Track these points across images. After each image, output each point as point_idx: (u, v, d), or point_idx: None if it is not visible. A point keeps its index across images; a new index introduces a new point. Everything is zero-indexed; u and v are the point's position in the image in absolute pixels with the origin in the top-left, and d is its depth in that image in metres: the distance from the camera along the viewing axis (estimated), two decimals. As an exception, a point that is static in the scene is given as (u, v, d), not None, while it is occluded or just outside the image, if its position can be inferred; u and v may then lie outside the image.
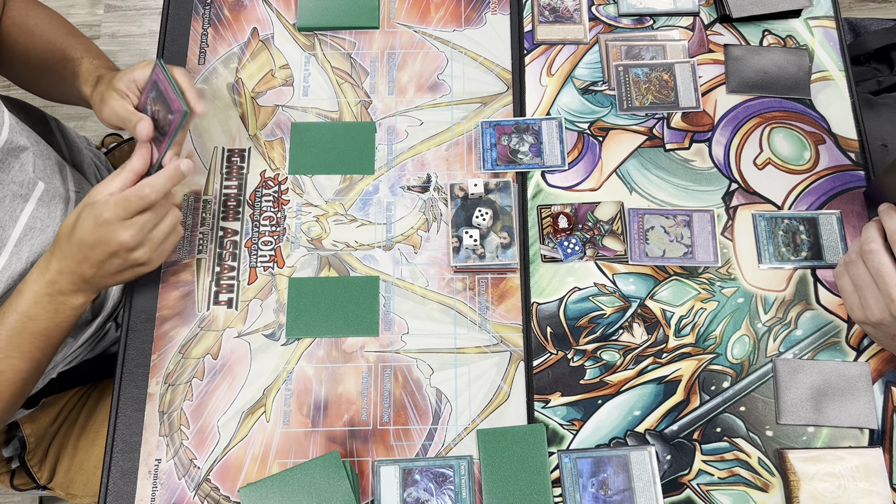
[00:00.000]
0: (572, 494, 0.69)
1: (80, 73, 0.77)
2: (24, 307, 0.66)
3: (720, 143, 0.83)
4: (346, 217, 0.80)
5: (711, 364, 0.74)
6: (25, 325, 0.66)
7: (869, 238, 0.65)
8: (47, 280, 0.66)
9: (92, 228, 0.64)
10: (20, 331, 0.66)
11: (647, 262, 0.78)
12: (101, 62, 0.79)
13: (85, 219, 0.64)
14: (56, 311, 0.67)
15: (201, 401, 0.72)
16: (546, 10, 0.90)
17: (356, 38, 0.88)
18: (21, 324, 0.66)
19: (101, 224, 0.64)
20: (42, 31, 0.80)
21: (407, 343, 0.75)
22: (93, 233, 0.64)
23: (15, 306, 0.66)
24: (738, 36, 0.88)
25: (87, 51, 0.80)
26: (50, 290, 0.66)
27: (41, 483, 0.91)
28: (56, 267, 0.66)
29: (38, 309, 0.66)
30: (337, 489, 0.67)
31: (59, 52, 0.80)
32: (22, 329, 0.66)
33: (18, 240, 0.72)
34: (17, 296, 0.67)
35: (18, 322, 0.66)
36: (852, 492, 0.69)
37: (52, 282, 0.66)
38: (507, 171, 0.82)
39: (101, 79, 0.75)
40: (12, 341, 0.66)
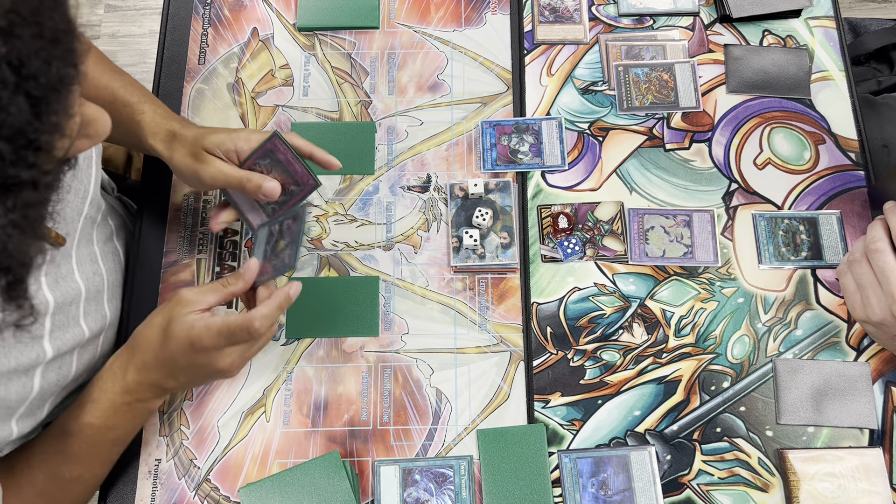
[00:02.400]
0: (572, 494, 0.69)
1: (144, 122, 0.71)
2: (102, 418, 0.62)
3: (720, 143, 0.83)
4: (346, 217, 0.80)
5: (711, 364, 0.74)
6: (105, 435, 0.62)
7: (875, 237, 0.65)
8: (124, 389, 0.62)
9: (187, 352, 0.60)
10: (99, 441, 0.62)
11: (647, 262, 0.78)
12: (164, 111, 0.73)
13: (178, 339, 0.59)
14: (134, 417, 0.64)
15: (201, 401, 0.72)
16: (546, 10, 0.90)
17: (356, 38, 0.88)
18: (101, 434, 0.62)
19: (199, 350, 0.60)
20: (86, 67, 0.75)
21: (407, 343, 0.75)
22: (187, 356, 0.60)
23: (90, 417, 0.61)
24: (738, 36, 0.88)
25: (143, 95, 0.73)
26: (128, 399, 0.62)
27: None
28: (135, 378, 0.62)
29: (117, 418, 0.62)
30: (337, 489, 0.67)
31: (109, 91, 0.72)
32: (101, 439, 0.62)
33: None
34: (92, 405, 0.62)
35: (97, 434, 0.62)
36: (852, 492, 0.69)
37: (131, 391, 0.62)
38: (507, 171, 0.82)
39: (178, 136, 0.70)
40: (93, 452, 0.63)
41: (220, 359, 0.61)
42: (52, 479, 0.62)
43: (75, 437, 0.61)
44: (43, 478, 0.61)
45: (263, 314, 0.60)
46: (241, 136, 0.68)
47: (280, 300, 0.62)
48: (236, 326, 0.59)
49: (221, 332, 0.59)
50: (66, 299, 0.61)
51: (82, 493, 0.65)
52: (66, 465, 0.62)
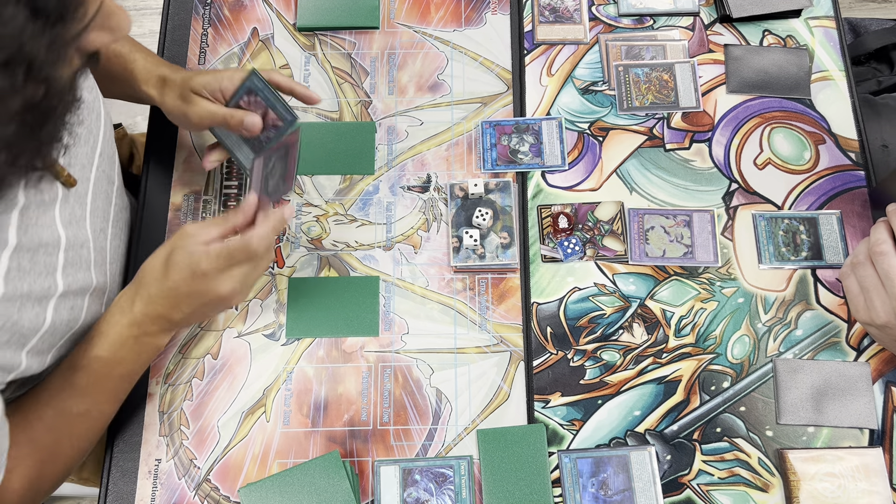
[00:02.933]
0: (572, 494, 0.69)
1: (136, 71, 0.74)
2: (110, 351, 0.63)
3: (720, 143, 0.83)
4: (346, 217, 0.80)
5: (711, 364, 0.74)
6: (112, 369, 0.64)
7: (879, 240, 0.65)
8: (131, 321, 0.63)
9: (188, 279, 0.61)
10: (107, 375, 0.63)
11: (647, 262, 0.78)
12: (154, 58, 0.76)
13: (180, 267, 0.61)
14: (140, 352, 0.65)
15: (201, 401, 0.72)
16: (546, 10, 0.90)
17: (356, 38, 0.88)
18: (108, 368, 0.63)
19: (199, 276, 0.61)
20: None
21: (407, 343, 0.75)
22: (188, 283, 0.61)
23: (98, 351, 0.63)
24: (738, 36, 0.88)
25: (134, 45, 0.76)
26: (135, 332, 0.63)
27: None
28: (141, 309, 0.63)
29: (125, 352, 0.64)
30: (337, 489, 0.67)
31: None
32: (108, 373, 0.63)
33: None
34: (100, 338, 0.63)
35: (105, 366, 0.63)
36: (852, 492, 0.69)
37: (138, 324, 0.63)
38: (507, 171, 0.82)
39: (169, 81, 0.73)
40: (100, 386, 0.63)
41: (220, 284, 0.62)
42: (60, 414, 0.62)
43: (83, 371, 0.63)
44: (51, 413, 0.62)
45: (260, 234, 0.62)
46: (225, 76, 0.71)
47: (275, 220, 0.63)
48: (235, 247, 0.61)
49: (221, 254, 0.61)
50: (77, 241, 0.62)
51: (90, 429, 0.65)
52: (74, 398, 0.63)
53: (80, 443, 0.65)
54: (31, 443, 0.61)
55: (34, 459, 0.61)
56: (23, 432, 0.60)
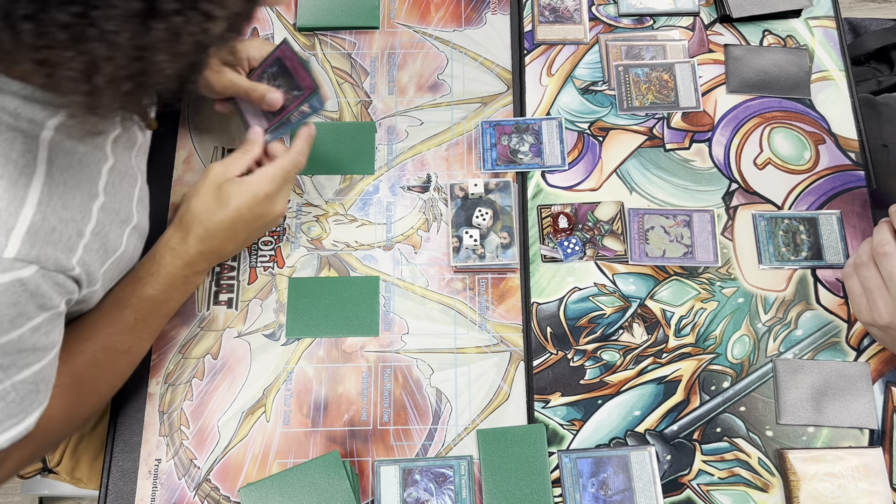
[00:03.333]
0: (572, 494, 0.69)
1: None
2: (161, 291, 0.65)
3: (720, 143, 0.83)
4: (346, 217, 0.80)
5: (711, 364, 0.74)
6: (159, 308, 0.66)
7: (882, 241, 0.65)
8: (186, 262, 0.66)
9: (252, 204, 0.66)
10: (153, 313, 0.66)
11: (647, 262, 0.78)
12: None
13: (239, 195, 0.65)
14: (187, 291, 0.68)
15: (201, 401, 0.72)
16: (546, 10, 0.90)
17: (356, 38, 0.88)
18: (156, 307, 0.66)
19: (263, 199, 0.66)
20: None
21: (407, 343, 0.75)
22: (252, 208, 0.66)
23: (149, 290, 0.65)
24: (738, 36, 0.88)
25: None
26: (187, 272, 0.66)
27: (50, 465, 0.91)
28: (197, 248, 0.66)
29: (173, 291, 0.66)
30: (337, 489, 0.67)
31: None
32: (155, 311, 0.66)
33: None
34: (151, 278, 0.65)
35: (154, 305, 0.65)
36: (852, 492, 0.69)
37: (191, 263, 0.66)
38: (507, 171, 0.82)
39: None
40: (145, 324, 0.66)
41: (280, 201, 0.69)
42: (103, 350, 0.64)
43: (131, 309, 0.64)
44: (94, 347, 0.63)
45: (300, 150, 0.70)
46: (253, 45, 0.73)
47: (305, 136, 0.71)
48: (289, 164, 0.68)
49: (277, 174, 0.67)
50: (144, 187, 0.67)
51: (129, 364, 0.67)
52: (119, 335, 0.64)
53: (116, 379, 0.66)
54: (72, 375, 0.62)
55: (73, 391, 0.62)
56: (65, 364, 0.61)
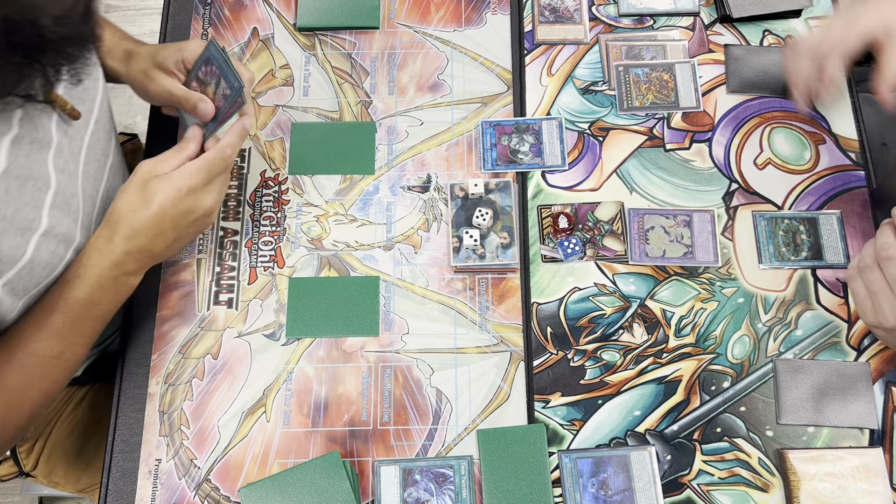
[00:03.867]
0: (572, 494, 0.69)
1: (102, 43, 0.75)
2: (88, 293, 0.63)
3: (720, 143, 0.83)
4: (346, 217, 0.80)
5: (711, 364, 0.74)
6: (89, 311, 0.64)
7: (886, 244, 0.65)
8: (113, 262, 0.64)
9: (174, 200, 0.64)
10: (83, 316, 0.64)
11: (647, 262, 0.78)
12: (121, 33, 0.77)
13: (162, 191, 0.63)
14: (118, 292, 0.66)
15: (201, 401, 0.72)
16: (546, 10, 0.90)
17: (356, 38, 0.88)
18: (85, 309, 0.64)
19: (186, 193, 0.64)
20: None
21: (407, 343, 0.75)
22: (176, 204, 0.64)
23: (76, 292, 0.63)
24: (738, 36, 0.88)
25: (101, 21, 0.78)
26: (115, 272, 0.64)
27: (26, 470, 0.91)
28: (123, 247, 0.64)
29: (103, 293, 0.64)
30: (337, 489, 0.67)
31: None
32: (85, 314, 0.64)
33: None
34: (77, 280, 0.63)
35: (83, 308, 0.63)
36: (852, 492, 0.69)
37: (119, 263, 0.64)
38: (507, 171, 0.82)
39: (133, 54, 0.74)
40: (76, 328, 0.64)
41: (205, 196, 0.66)
42: (31, 356, 0.62)
43: (58, 313, 0.62)
44: (22, 355, 0.62)
45: (230, 143, 0.67)
46: (187, 48, 0.72)
47: (239, 130, 0.68)
48: (214, 157, 0.66)
49: (201, 168, 0.65)
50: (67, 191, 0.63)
51: (61, 371, 0.65)
52: (48, 341, 0.62)
53: (49, 386, 0.64)
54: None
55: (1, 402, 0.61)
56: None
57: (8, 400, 0.61)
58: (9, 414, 0.62)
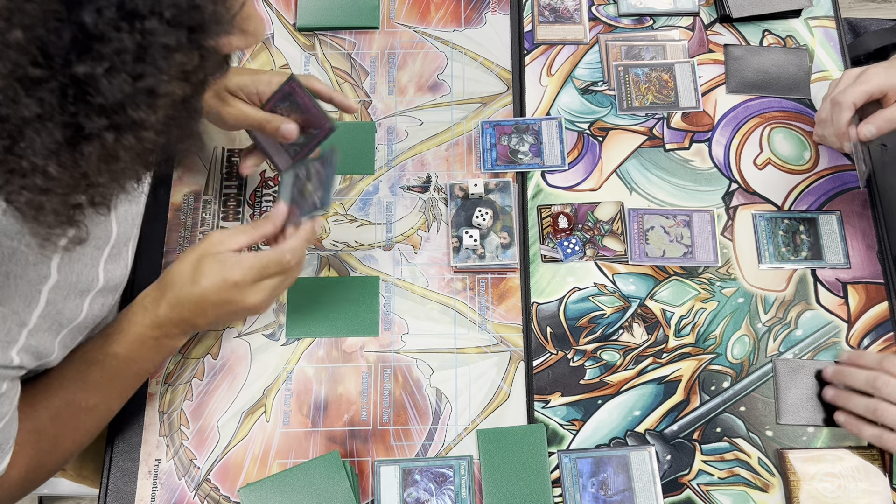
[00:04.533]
0: (572, 494, 0.69)
1: None
2: (128, 349, 0.62)
3: (720, 143, 0.83)
4: (346, 217, 0.80)
5: (711, 364, 0.74)
6: (128, 367, 0.63)
7: None
8: (155, 323, 0.62)
9: (218, 287, 0.61)
10: (121, 372, 0.63)
11: (647, 262, 0.78)
12: None
13: (210, 275, 0.61)
14: (158, 353, 0.64)
15: (201, 401, 0.72)
16: (546, 10, 0.90)
17: (356, 38, 0.88)
18: (124, 365, 0.63)
19: (231, 286, 0.61)
20: None
21: (407, 343, 0.75)
22: (218, 292, 0.61)
23: (116, 347, 0.62)
24: (738, 36, 0.88)
25: None
26: (157, 333, 0.63)
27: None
28: (166, 313, 0.62)
29: (143, 351, 0.63)
30: (337, 489, 0.67)
31: None
32: (123, 370, 0.63)
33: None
34: (119, 335, 0.62)
35: (121, 364, 0.62)
36: (852, 492, 0.69)
37: (160, 325, 0.62)
38: (507, 171, 0.82)
39: None
40: (113, 383, 0.63)
41: (251, 295, 0.62)
42: (67, 406, 0.62)
43: (97, 366, 0.62)
44: (59, 403, 0.62)
45: (293, 247, 0.63)
46: (262, 79, 0.70)
47: (307, 233, 0.64)
48: (269, 260, 0.62)
49: (254, 266, 0.61)
50: (124, 236, 0.62)
51: (95, 423, 0.65)
52: (84, 392, 0.62)
53: (81, 437, 0.64)
54: (35, 432, 0.60)
55: (35, 448, 0.61)
56: (28, 419, 0.60)
57: (42, 447, 0.61)
58: (42, 460, 0.62)
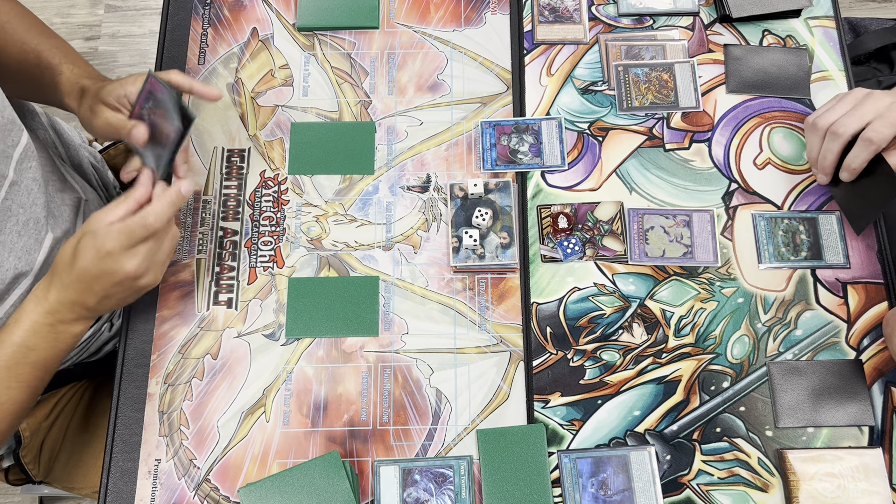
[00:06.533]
0: (572, 494, 0.69)
1: (61, 83, 0.75)
2: (23, 337, 0.64)
3: (720, 143, 0.83)
4: (346, 217, 0.80)
5: (711, 364, 0.74)
6: (25, 356, 0.64)
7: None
8: (46, 310, 0.64)
9: (94, 260, 0.62)
10: (19, 361, 0.64)
11: (646, 262, 0.78)
12: (81, 70, 0.76)
13: (85, 249, 0.62)
14: (56, 340, 0.65)
15: (201, 401, 0.72)
16: (546, 9, 0.90)
17: (356, 38, 0.88)
18: (21, 354, 0.64)
19: (104, 255, 0.62)
20: (14, 28, 0.77)
21: (407, 343, 0.75)
22: (95, 264, 0.62)
23: (12, 336, 0.64)
24: (738, 36, 0.88)
25: (66, 56, 0.77)
26: (50, 319, 0.64)
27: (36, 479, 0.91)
28: (56, 297, 0.64)
29: (38, 339, 0.64)
30: (337, 489, 0.67)
31: (35, 55, 0.76)
32: (21, 359, 0.64)
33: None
34: (14, 325, 0.64)
35: (17, 352, 0.64)
36: (852, 492, 0.69)
37: (53, 311, 0.64)
38: (506, 171, 0.82)
39: (86, 91, 0.73)
40: (11, 372, 0.64)
41: (126, 261, 0.63)
42: None
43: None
44: None
45: (156, 209, 0.64)
46: (128, 82, 0.71)
47: (172, 196, 0.65)
48: (134, 224, 0.63)
49: (122, 231, 0.62)
50: None
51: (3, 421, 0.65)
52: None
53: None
54: None
55: None
56: None
57: None
58: None
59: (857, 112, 0.72)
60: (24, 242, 0.72)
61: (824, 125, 0.73)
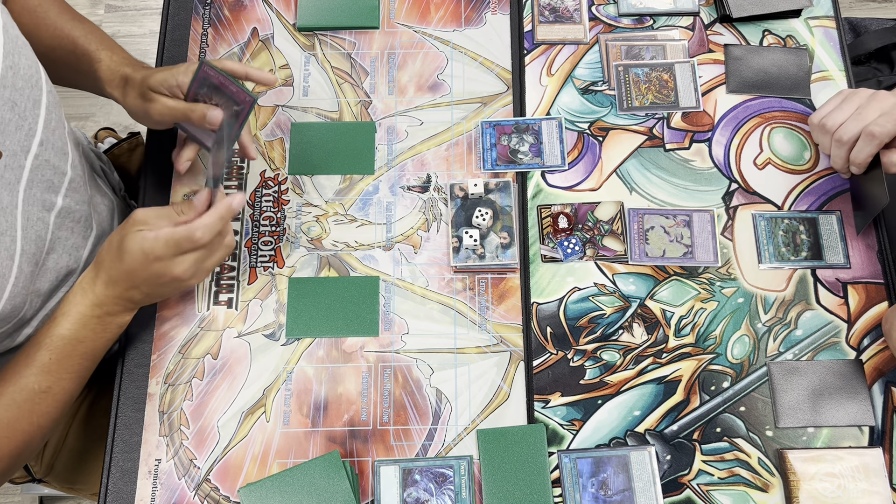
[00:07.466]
0: (572, 494, 0.69)
1: (100, 70, 0.75)
2: (72, 330, 0.65)
3: (720, 143, 0.83)
4: (346, 217, 0.80)
5: (711, 364, 0.74)
6: (75, 347, 0.66)
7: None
8: (93, 302, 0.66)
9: (142, 263, 0.64)
10: (69, 353, 0.65)
11: (647, 262, 0.78)
12: (119, 57, 0.76)
13: (133, 251, 0.63)
14: (104, 331, 0.67)
15: (201, 401, 0.72)
16: (546, 9, 0.90)
17: (356, 38, 0.88)
18: (71, 346, 0.65)
19: (153, 260, 0.64)
20: (46, 12, 0.77)
21: (407, 343, 0.75)
22: (144, 267, 0.64)
23: (60, 329, 0.65)
24: (738, 36, 0.88)
25: (102, 42, 0.76)
26: (98, 312, 0.66)
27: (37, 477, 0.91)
28: (102, 290, 0.66)
29: (87, 331, 0.66)
30: (337, 489, 0.67)
31: (70, 41, 0.76)
32: (71, 351, 0.65)
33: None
34: (62, 318, 0.65)
35: (68, 345, 0.65)
36: (852, 492, 0.69)
37: (100, 304, 0.66)
38: (507, 171, 0.82)
39: (130, 80, 0.73)
40: (62, 364, 0.65)
41: (173, 267, 0.65)
42: (20, 391, 0.64)
43: (45, 349, 0.65)
44: (11, 389, 0.64)
45: (205, 224, 0.64)
46: (179, 70, 0.71)
47: (221, 210, 0.65)
48: (181, 237, 0.64)
49: (168, 241, 0.63)
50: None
51: (52, 406, 0.66)
52: (36, 376, 0.64)
53: (40, 420, 0.65)
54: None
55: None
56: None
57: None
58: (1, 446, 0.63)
59: (860, 116, 0.72)
60: (74, 240, 0.74)
61: (832, 127, 0.74)
